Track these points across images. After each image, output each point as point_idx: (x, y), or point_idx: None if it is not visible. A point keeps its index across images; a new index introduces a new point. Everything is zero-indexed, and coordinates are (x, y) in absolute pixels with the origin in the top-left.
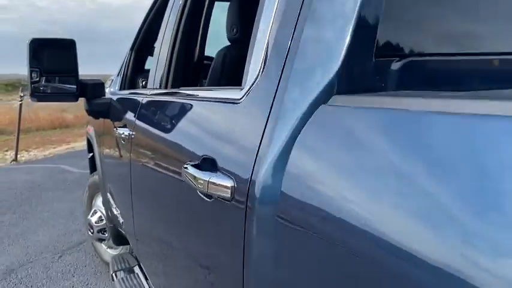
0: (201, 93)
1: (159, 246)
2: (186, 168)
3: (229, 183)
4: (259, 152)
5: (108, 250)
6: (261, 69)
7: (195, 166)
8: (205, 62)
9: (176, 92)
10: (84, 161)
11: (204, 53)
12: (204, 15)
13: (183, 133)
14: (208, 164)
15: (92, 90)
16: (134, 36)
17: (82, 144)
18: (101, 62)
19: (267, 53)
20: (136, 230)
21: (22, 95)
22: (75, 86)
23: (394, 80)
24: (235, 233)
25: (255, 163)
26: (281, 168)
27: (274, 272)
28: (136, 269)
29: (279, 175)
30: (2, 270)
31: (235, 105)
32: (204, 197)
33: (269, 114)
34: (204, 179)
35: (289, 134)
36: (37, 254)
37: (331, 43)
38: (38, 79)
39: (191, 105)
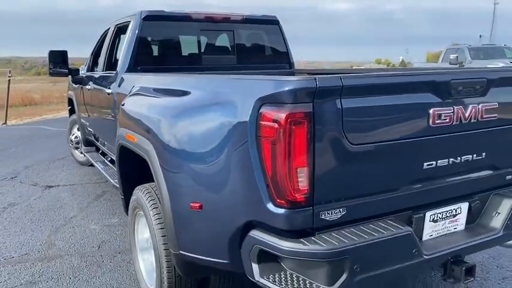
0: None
1: (100, 137)
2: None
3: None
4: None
5: (80, 154)
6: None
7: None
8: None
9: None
10: (57, 125)
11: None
12: (116, 42)
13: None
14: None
15: (74, 72)
16: (93, 48)
17: (52, 116)
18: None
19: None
20: (93, 133)
21: (10, 75)
22: (67, 70)
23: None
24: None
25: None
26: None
27: None
28: (96, 153)
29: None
30: (25, 166)
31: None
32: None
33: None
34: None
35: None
36: (41, 161)
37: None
38: (51, 66)
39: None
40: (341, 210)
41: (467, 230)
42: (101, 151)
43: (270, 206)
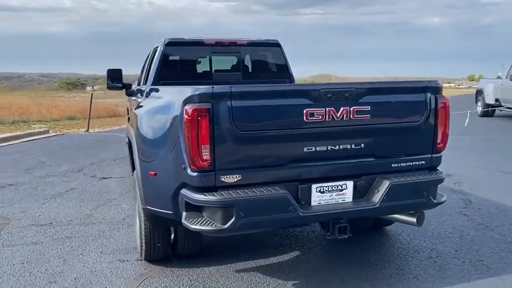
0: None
1: None
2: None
3: None
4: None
5: None
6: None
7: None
8: None
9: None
10: None
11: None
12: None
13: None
14: None
15: (127, 86)
16: (142, 70)
17: None
18: None
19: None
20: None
21: (93, 90)
22: (121, 85)
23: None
24: None
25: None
26: None
27: None
28: None
29: None
30: (91, 163)
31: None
32: None
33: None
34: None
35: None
36: (105, 159)
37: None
38: (109, 82)
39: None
40: (237, 176)
41: (353, 202)
42: None
43: (189, 171)
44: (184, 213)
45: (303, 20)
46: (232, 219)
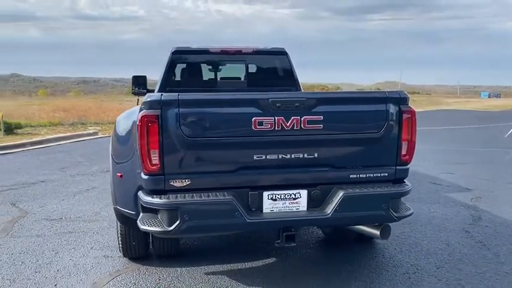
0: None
1: None
2: None
3: None
4: None
5: None
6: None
7: None
8: None
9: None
10: None
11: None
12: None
13: None
14: None
15: (151, 91)
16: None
17: None
18: None
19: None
20: None
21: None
22: (145, 90)
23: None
24: None
25: None
26: None
27: None
28: None
29: None
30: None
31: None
32: None
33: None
34: None
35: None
36: None
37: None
38: (134, 87)
39: None
40: (186, 180)
41: (308, 211)
42: None
43: (142, 175)
44: (141, 214)
45: (371, 26)
46: (177, 222)
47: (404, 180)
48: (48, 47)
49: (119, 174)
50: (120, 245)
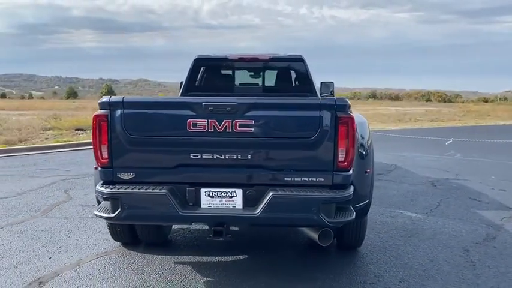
0: None
1: None
2: None
3: None
4: None
5: None
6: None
7: None
8: None
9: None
10: None
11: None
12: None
13: None
14: None
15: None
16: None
17: None
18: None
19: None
20: None
21: None
22: None
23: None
24: None
25: None
26: None
27: None
28: None
29: None
30: None
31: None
32: None
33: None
34: None
35: None
36: None
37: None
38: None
39: None
40: (131, 174)
41: (243, 210)
42: None
43: (97, 167)
44: (102, 203)
45: (501, 29)
46: (118, 210)
47: (347, 186)
48: (171, 54)
49: (94, 167)
50: (109, 230)
